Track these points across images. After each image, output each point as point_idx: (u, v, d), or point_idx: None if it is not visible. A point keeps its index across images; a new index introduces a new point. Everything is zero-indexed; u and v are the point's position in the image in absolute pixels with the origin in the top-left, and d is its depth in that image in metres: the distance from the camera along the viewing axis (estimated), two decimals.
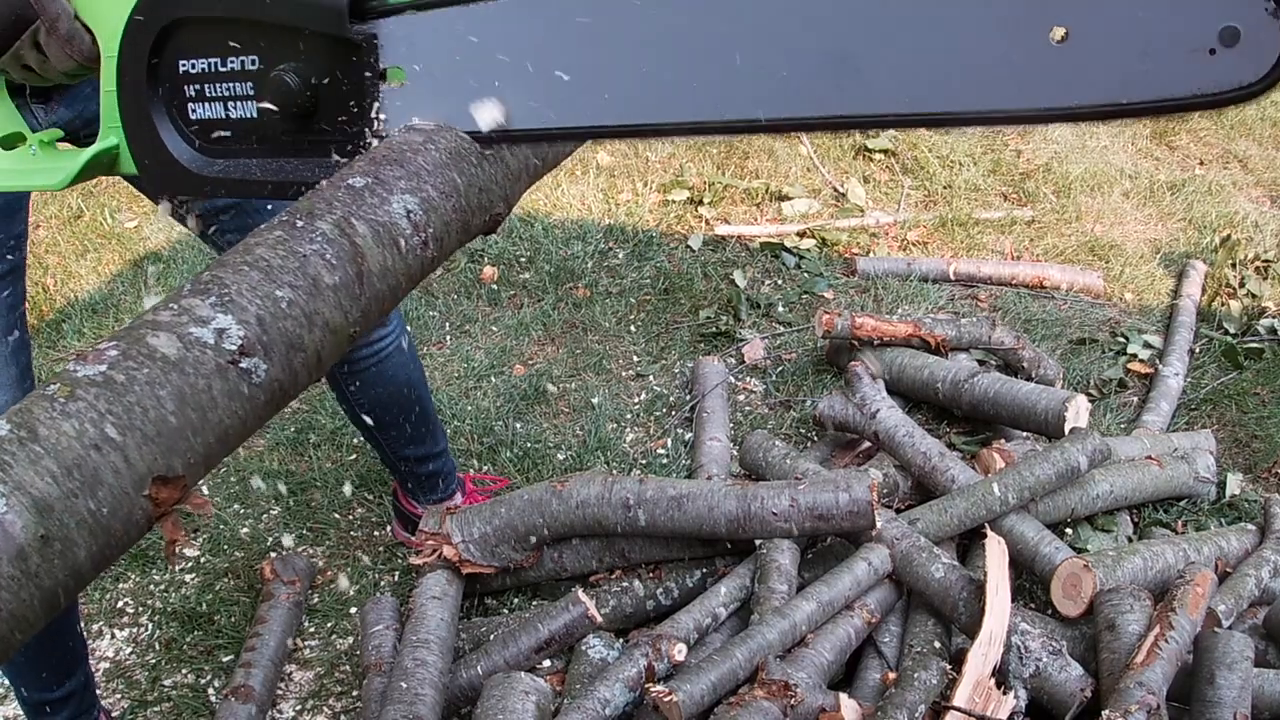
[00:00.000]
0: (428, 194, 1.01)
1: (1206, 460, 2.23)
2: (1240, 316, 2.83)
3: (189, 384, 0.81)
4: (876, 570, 1.86)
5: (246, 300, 0.86)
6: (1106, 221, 3.35)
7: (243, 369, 0.84)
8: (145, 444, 0.77)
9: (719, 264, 3.14)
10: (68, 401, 0.77)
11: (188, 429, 0.80)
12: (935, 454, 2.10)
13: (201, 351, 0.82)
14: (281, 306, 0.88)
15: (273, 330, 0.87)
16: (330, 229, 0.94)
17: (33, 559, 0.71)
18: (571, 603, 1.88)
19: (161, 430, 0.79)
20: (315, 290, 0.90)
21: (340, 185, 0.99)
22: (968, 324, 2.52)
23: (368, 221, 0.96)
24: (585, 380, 2.71)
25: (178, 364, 0.81)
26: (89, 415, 0.76)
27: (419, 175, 1.02)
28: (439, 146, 1.06)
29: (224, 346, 0.84)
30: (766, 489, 1.87)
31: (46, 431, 0.75)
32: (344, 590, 2.15)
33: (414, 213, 0.99)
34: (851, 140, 3.78)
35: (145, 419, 0.78)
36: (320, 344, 0.91)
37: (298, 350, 0.89)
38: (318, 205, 0.96)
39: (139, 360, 0.80)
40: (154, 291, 3.11)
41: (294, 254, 0.91)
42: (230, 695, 1.83)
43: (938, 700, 1.65)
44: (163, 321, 0.84)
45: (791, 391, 2.65)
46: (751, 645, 1.72)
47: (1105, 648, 1.67)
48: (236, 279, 0.88)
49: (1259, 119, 3.92)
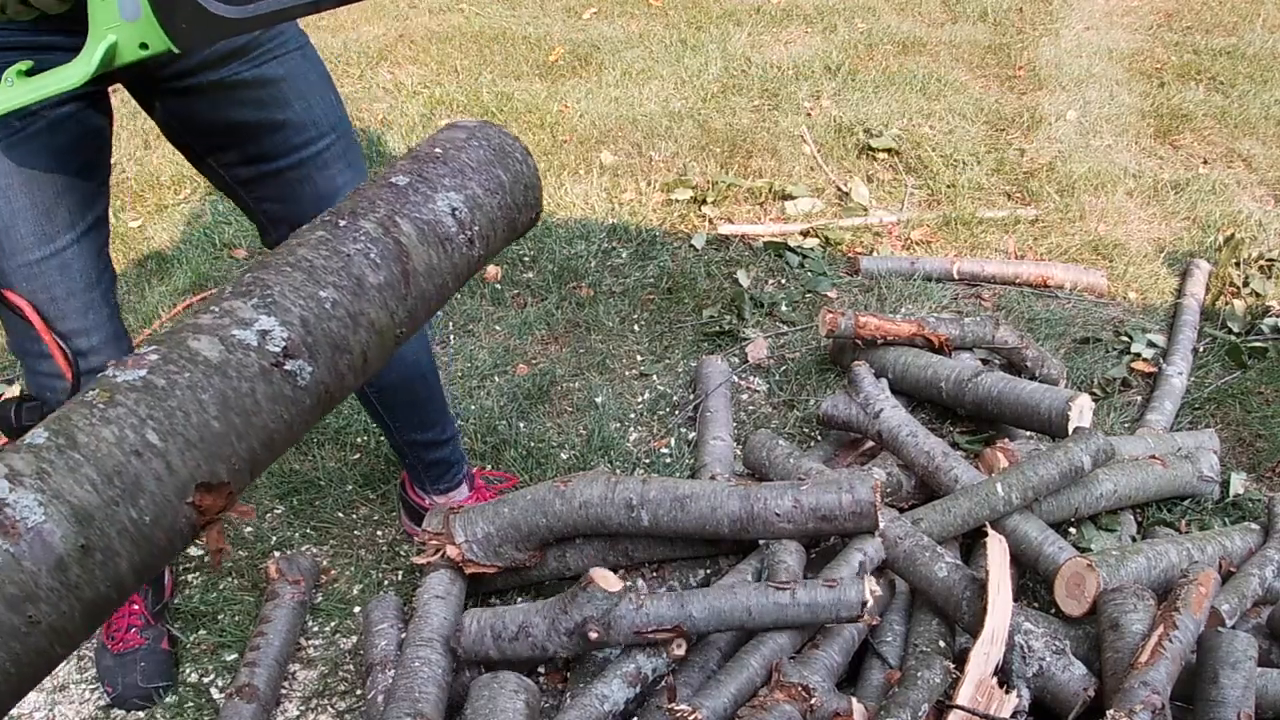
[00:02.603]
0: (473, 191, 0.98)
1: (1210, 459, 2.23)
2: (1244, 315, 2.82)
3: (232, 387, 0.77)
4: (872, 560, 1.86)
5: (290, 301, 0.83)
6: (1110, 220, 3.35)
7: (287, 371, 0.80)
8: (188, 450, 0.74)
9: (722, 263, 3.14)
10: (107, 407, 0.73)
11: (231, 434, 0.77)
12: (939, 453, 2.10)
13: (245, 354, 0.79)
14: (325, 307, 0.84)
15: (317, 331, 0.83)
16: (374, 228, 0.90)
17: (73, 570, 0.67)
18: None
19: (205, 435, 0.75)
20: (360, 290, 0.87)
21: (383, 183, 0.96)
22: (971, 323, 2.52)
23: (412, 220, 0.92)
24: (589, 379, 2.71)
25: (220, 367, 0.77)
26: (129, 421, 0.72)
27: (463, 172, 0.98)
28: (483, 143, 1.03)
29: (268, 349, 0.80)
30: (769, 490, 1.87)
31: (85, 438, 0.71)
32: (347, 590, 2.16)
33: (459, 210, 0.96)
34: (855, 139, 3.77)
35: (187, 424, 0.74)
36: (366, 345, 0.87)
37: (343, 352, 0.85)
38: (360, 204, 0.93)
39: (180, 364, 0.76)
40: (155, 290, 3.11)
41: (337, 253, 0.88)
42: (234, 694, 1.83)
43: (941, 699, 1.65)
44: (204, 324, 0.80)
45: (795, 391, 2.65)
46: (765, 651, 1.72)
47: (1109, 647, 1.67)
48: (279, 280, 0.84)
49: (1263, 118, 3.91)
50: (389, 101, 4.22)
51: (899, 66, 4.34)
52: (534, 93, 4.22)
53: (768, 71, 4.32)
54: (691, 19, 4.87)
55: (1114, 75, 4.27)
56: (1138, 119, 3.94)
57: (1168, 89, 4.13)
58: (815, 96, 4.12)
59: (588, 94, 4.17)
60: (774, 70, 4.33)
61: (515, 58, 4.54)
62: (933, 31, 4.70)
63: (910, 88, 4.15)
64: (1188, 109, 3.96)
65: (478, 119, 1.03)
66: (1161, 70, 4.30)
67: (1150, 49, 4.50)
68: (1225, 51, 4.41)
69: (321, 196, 1.65)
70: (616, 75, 4.31)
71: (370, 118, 4.10)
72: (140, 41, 1.07)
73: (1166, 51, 4.46)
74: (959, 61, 4.42)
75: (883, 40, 4.59)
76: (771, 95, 4.14)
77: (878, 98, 4.08)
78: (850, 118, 3.92)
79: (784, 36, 4.69)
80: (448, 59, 4.57)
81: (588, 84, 4.27)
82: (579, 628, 1.70)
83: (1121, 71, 4.30)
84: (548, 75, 4.39)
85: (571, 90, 4.21)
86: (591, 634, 1.69)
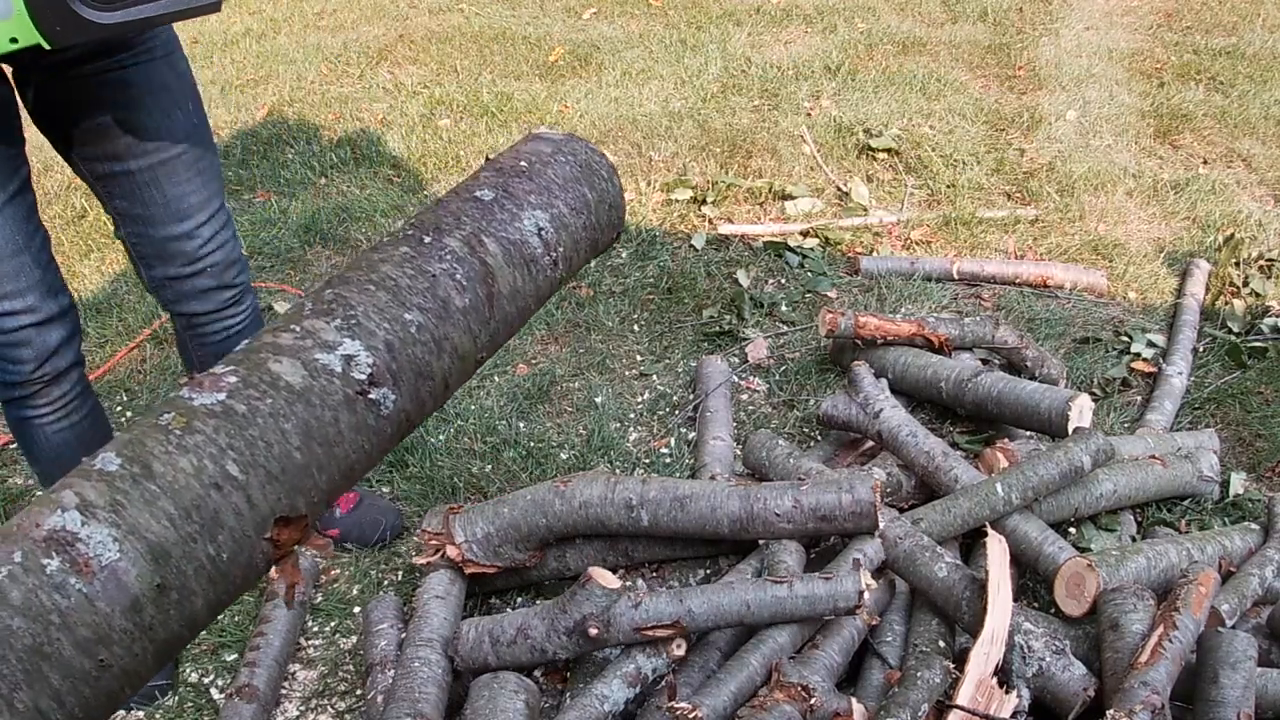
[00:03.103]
0: (559, 210, 0.93)
1: (1210, 459, 2.23)
2: (1244, 315, 2.82)
3: (315, 416, 0.73)
4: (872, 561, 1.86)
5: (375, 324, 0.78)
6: (1110, 220, 3.35)
7: (371, 400, 0.76)
8: (269, 483, 0.70)
9: (722, 263, 3.14)
10: (184, 434, 0.69)
11: (313, 465, 0.73)
12: (938, 453, 2.10)
13: (329, 380, 0.75)
14: (411, 331, 0.80)
15: (402, 357, 0.79)
16: (460, 246, 0.86)
17: (147, 610, 0.64)
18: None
19: (286, 467, 0.71)
20: (445, 313, 0.82)
21: (467, 197, 0.91)
22: (971, 323, 2.51)
23: (498, 239, 0.88)
24: (589, 379, 2.71)
25: (303, 394, 0.73)
26: (208, 450, 0.69)
27: (550, 190, 0.93)
28: (569, 158, 0.98)
29: (352, 375, 0.76)
30: (769, 490, 1.87)
31: (162, 468, 0.67)
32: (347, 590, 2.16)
33: (545, 230, 0.91)
34: (855, 139, 3.77)
35: (269, 455, 0.70)
36: (448, 371, 0.83)
37: (426, 379, 0.81)
38: (445, 219, 0.88)
39: (261, 389, 0.72)
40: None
41: (423, 273, 0.83)
42: (234, 694, 1.83)
43: (941, 699, 1.65)
44: (285, 345, 0.76)
45: (795, 391, 2.64)
46: (765, 650, 1.72)
47: (1109, 647, 1.66)
48: (363, 299, 0.80)
49: (1263, 118, 3.91)
50: (389, 101, 4.22)
51: (899, 66, 4.33)
52: (534, 93, 4.22)
53: (767, 71, 4.31)
54: (691, 19, 4.87)
55: (1114, 75, 4.27)
56: (1137, 119, 3.94)
57: (1167, 89, 4.13)
58: (815, 96, 4.12)
59: (587, 94, 4.17)
60: (774, 70, 4.33)
61: (515, 58, 4.54)
62: (932, 31, 4.70)
63: (910, 88, 4.15)
64: (1187, 109, 3.96)
65: (563, 132, 0.97)
66: (1161, 70, 4.30)
67: (1150, 49, 4.49)
68: (1225, 51, 4.41)
69: (169, 203, 1.72)
70: (616, 75, 4.31)
71: (370, 118, 4.10)
72: (10, 36, 1.18)
73: (1166, 51, 4.46)
74: (959, 61, 4.42)
75: (882, 40, 4.59)
76: (771, 95, 4.14)
77: (877, 98, 4.08)
78: (850, 118, 3.92)
79: (784, 36, 4.69)
80: (447, 59, 4.57)
81: (587, 84, 4.27)
82: (578, 625, 1.70)
83: (1121, 71, 4.30)
84: (547, 75, 4.39)
85: (571, 90, 4.21)
86: (591, 631, 1.69)
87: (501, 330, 0.88)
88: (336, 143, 3.91)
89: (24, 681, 0.58)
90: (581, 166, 0.98)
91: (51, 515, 0.64)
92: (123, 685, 0.63)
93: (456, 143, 3.88)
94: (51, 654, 0.59)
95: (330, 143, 3.92)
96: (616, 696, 1.70)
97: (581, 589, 1.71)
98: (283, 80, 4.44)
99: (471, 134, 3.94)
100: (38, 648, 0.59)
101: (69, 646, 0.60)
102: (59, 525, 0.63)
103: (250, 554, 0.69)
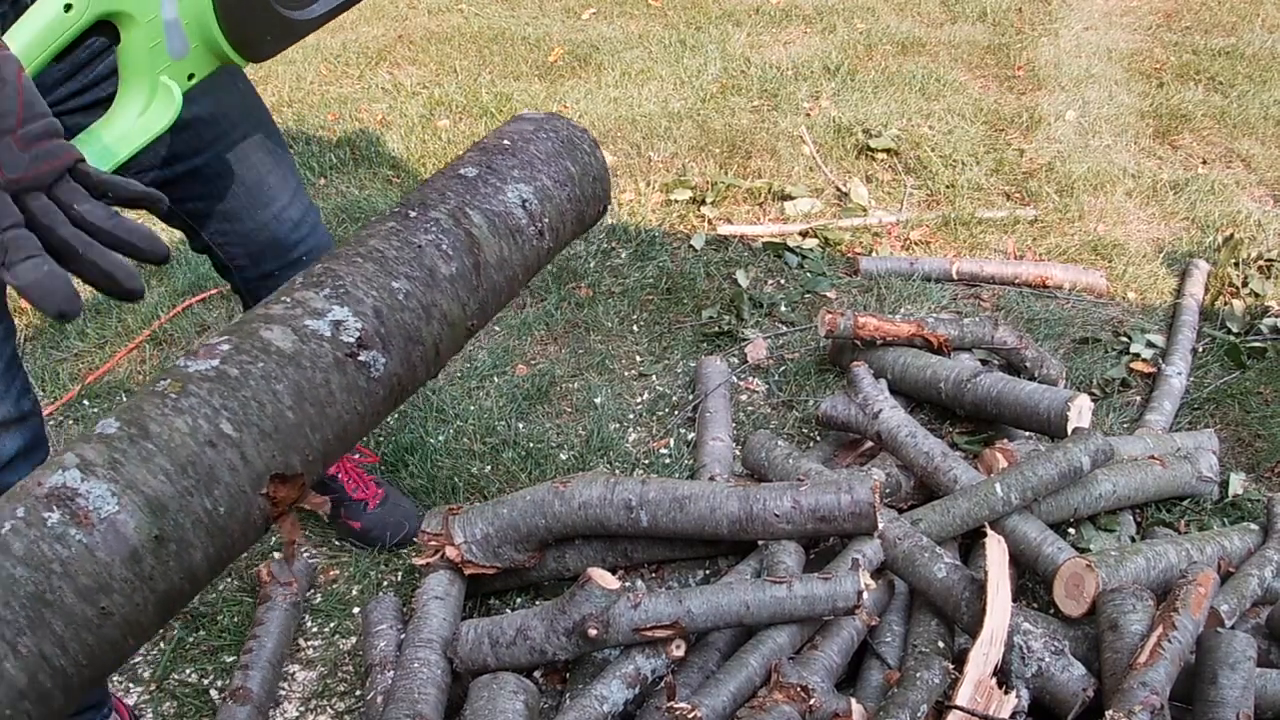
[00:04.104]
0: (542, 183, 0.97)
1: (1209, 460, 2.23)
2: (1243, 316, 2.82)
3: (306, 378, 0.76)
4: (871, 562, 1.86)
5: (362, 292, 0.82)
6: (1109, 221, 3.35)
7: (361, 362, 0.79)
8: (263, 440, 0.72)
9: (721, 263, 3.14)
10: (179, 397, 0.72)
11: (306, 424, 0.75)
12: (938, 454, 2.10)
13: (319, 344, 0.78)
14: (399, 298, 0.83)
15: (390, 322, 0.82)
16: (445, 219, 0.89)
17: (147, 561, 0.66)
18: None
19: (279, 426, 0.74)
20: (432, 281, 0.86)
21: (451, 175, 0.94)
22: (970, 323, 2.51)
23: (483, 211, 0.91)
24: (588, 380, 2.71)
25: (294, 357, 0.76)
26: (203, 411, 0.71)
27: (532, 164, 0.97)
28: (551, 135, 1.02)
29: (341, 339, 0.79)
30: (768, 490, 1.87)
31: (158, 428, 0.70)
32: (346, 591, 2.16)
33: (529, 201, 0.94)
34: (854, 139, 3.77)
35: (262, 414, 0.73)
36: (438, 337, 0.86)
37: (416, 343, 0.84)
38: (430, 196, 0.92)
39: (253, 354, 0.75)
40: (155, 291, 3.11)
41: (409, 244, 0.86)
42: (229, 697, 1.83)
43: (940, 700, 1.65)
44: (276, 314, 0.79)
45: (794, 391, 2.64)
46: (764, 650, 1.72)
47: (1108, 647, 1.66)
48: (350, 270, 0.83)
49: (1262, 118, 3.91)
50: (388, 102, 4.22)
51: (898, 67, 4.34)
52: (533, 93, 4.22)
53: (767, 72, 4.31)
54: (691, 19, 4.87)
55: (1113, 75, 4.27)
56: (1137, 119, 3.94)
57: (1167, 89, 4.13)
58: (814, 97, 4.12)
59: (587, 94, 4.17)
60: (773, 70, 4.33)
61: (514, 58, 4.54)
62: (932, 32, 4.70)
63: (909, 88, 4.15)
64: (1187, 109, 3.96)
65: (544, 111, 1.01)
66: (1161, 70, 4.30)
67: (1149, 49, 4.49)
68: (1224, 52, 4.41)
69: (250, 190, 1.60)
70: (616, 76, 4.31)
71: (370, 118, 4.10)
72: (188, 73, 1.05)
73: (1166, 52, 4.46)
74: (958, 62, 4.42)
75: (882, 40, 4.59)
76: (771, 96, 4.14)
77: (877, 98, 4.08)
78: (849, 118, 3.92)
79: (783, 37, 4.69)
80: (447, 59, 4.57)
81: (587, 84, 4.27)
82: (578, 626, 1.70)
83: (1121, 72, 4.30)
84: (547, 76, 4.39)
85: (571, 91, 4.21)
86: (591, 631, 1.69)
87: (491, 299, 0.92)
88: (335, 143, 3.91)
89: (27, 627, 0.60)
90: (563, 142, 1.02)
91: (53, 475, 0.67)
92: (125, 634, 0.66)
93: (456, 143, 3.88)
94: (54, 601, 0.62)
95: (329, 143, 3.92)
96: (616, 697, 1.70)
97: (581, 590, 1.71)
98: (281, 81, 4.44)
99: (471, 134, 3.94)
100: (40, 595, 0.61)
101: (70, 594, 0.62)
102: (60, 483, 0.66)
103: (247, 509, 0.72)
